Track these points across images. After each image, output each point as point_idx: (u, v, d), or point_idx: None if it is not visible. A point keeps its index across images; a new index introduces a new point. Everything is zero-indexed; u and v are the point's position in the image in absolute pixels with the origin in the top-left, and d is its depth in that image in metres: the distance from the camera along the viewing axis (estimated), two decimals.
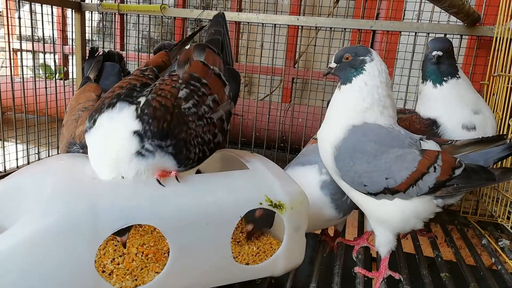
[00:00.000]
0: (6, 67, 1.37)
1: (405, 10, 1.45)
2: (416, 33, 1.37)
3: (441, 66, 1.01)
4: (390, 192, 0.84)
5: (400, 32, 1.40)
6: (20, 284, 0.61)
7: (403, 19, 1.43)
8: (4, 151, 1.35)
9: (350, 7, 1.52)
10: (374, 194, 0.86)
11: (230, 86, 0.82)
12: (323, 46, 1.51)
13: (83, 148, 0.86)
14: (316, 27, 1.45)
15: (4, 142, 1.37)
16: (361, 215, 1.22)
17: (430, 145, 0.88)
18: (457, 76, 1.03)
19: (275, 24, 1.50)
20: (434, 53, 1.00)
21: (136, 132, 0.69)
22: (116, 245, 0.81)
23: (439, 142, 0.90)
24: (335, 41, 1.49)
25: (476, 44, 1.34)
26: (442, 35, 1.34)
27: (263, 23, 1.51)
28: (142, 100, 0.72)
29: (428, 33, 1.35)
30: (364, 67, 0.86)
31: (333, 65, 0.91)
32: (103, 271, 0.72)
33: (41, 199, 0.66)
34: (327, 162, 0.90)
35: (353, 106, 0.86)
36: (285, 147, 1.66)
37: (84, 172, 0.74)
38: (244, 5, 1.75)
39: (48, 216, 0.62)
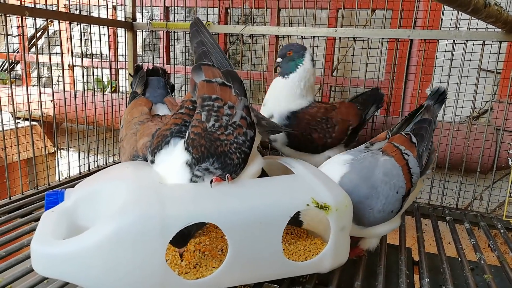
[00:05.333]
0: (63, 83, 1.51)
1: (442, 19, 1.47)
2: (454, 40, 1.39)
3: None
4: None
5: (438, 40, 1.42)
6: (103, 276, 0.69)
7: (441, 27, 1.45)
8: (69, 159, 1.49)
9: (387, 18, 1.56)
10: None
11: (234, 86, 0.88)
12: (361, 55, 1.56)
13: (146, 160, 0.96)
14: (354, 38, 1.51)
15: (68, 152, 1.51)
16: None
17: (377, 146, 1.03)
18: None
19: (313, 36, 1.57)
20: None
21: (187, 163, 0.83)
22: None
23: (382, 140, 1.05)
24: (373, 49, 1.54)
25: None
26: (481, 43, 1.36)
27: (302, 36, 1.58)
28: (187, 133, 0.85)
29: (467, 41, 1.37)
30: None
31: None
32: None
33: (118, 202, 0.74)
34: None
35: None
36: None
37: (150, 177, 0.84)
38: (284, 20, 1.83)
39: (125, 217, 0.71)
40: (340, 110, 1.32)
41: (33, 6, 1.31)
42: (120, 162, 1.05)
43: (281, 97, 1.27)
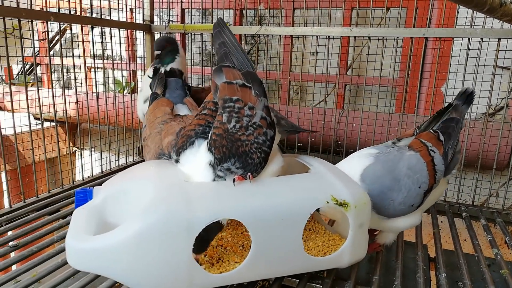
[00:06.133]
0: (85, 85, 1.56)
1: (457, 16, 1.48)
2: (469, 38, 1.40)
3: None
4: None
5: (453, 38, 1.43)
6: (130, 271, 0.73)
7: (456, 25, 1.46)
8: (91, 158, 1.54)
9: (402, 16, 1.57)
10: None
11: (254, 86, 0.90)
12: (376, 54, 1.57)
13: (171, 158, 1.00)
14: (369, 36, 1.52)
15: (89, 151, 1.56)
16: None
17: (404, 142, 1.05)
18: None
19: (328, 36, 1.59)
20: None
21: (210, 163, 0.85)
22: None
23: (410, 136, 1.06)
24: (388, 48, 1.55)
25: None
26: (496, 40, 1.36)
27: (317, 35, 1.60)
28: (209, 134, 0.88)
29: (482, 38, 1.38)
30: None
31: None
32: None
33: (145, 200, 0.78)
34: None
35: None
36: (340, 151, 1.73)
37: (176, 176, 0.88)
38: (298, 20, 1.85)
39: (152, 215, 0.74)
40: (208, 92, 1.47)
41: (57, 11, 1.36)
42: (142, 160, 1.09)
43: None
